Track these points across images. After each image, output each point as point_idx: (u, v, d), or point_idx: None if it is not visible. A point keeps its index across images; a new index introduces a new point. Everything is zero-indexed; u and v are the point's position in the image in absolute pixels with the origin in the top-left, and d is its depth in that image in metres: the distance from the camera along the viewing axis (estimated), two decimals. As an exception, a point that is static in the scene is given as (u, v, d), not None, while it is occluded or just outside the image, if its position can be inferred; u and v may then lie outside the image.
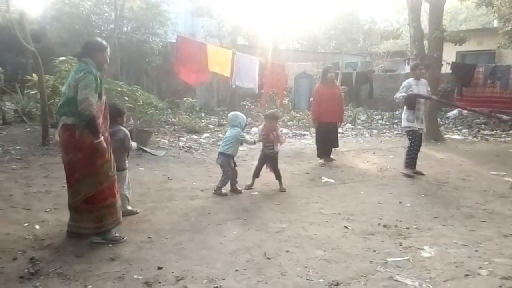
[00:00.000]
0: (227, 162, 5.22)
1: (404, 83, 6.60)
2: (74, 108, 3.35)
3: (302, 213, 4.56)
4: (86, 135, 3.39)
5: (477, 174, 6.73)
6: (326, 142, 7.41)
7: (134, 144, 4.42)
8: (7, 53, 11.68)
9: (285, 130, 10.91)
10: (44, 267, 3.07)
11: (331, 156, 7.49)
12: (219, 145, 8.78)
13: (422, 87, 6.42)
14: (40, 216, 4.11)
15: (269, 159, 5.59)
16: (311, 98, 8.12)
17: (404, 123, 6.57)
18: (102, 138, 3.46)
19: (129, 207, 4.29)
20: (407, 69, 16.16)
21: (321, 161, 7.28)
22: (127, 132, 4.31)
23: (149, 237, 3.70)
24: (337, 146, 7.77)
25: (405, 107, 6.48)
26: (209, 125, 11.49)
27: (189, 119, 10.87)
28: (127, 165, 4.35)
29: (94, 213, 3.53)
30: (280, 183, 5.52)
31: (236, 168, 5.39)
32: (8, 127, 9.11)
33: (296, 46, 25.42)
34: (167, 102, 10.57)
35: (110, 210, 3.58)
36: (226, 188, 5.27)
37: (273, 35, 19.75)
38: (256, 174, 5.61)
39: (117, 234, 3.63)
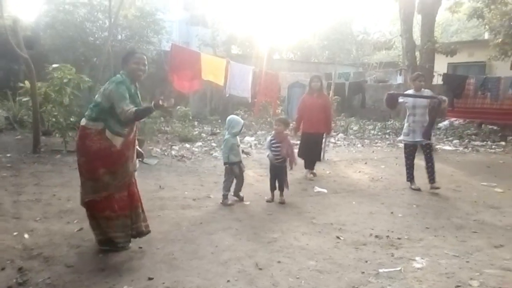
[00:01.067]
0: (230, 170, 5.28)
1: (405, 93, 6.51)
2: (96, 114, 3.45)
3: (294, 223, 4.56)
4: (95, 141, 3.42)
5: (468, 184, 6.77)
6: (308, 154, 7.09)
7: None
8: (-1, 60, 11.63)
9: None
10: (33, 277, 3.03)
11: (314, 170, 7.12)
12: (211, 154, 8.83)
13: (421, 99, 6.16)
14: (29, 225, 4.07)
15: (277, 169, 5.42)
16: None
17: (400, 136, 6.49)
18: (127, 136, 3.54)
19: None
20: (399, 79, 16.33)
21: (309, 172, 7.05)
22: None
23: (140, 247, 3.67)
24: (319, 159, 7.42)
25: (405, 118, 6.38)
26: (202, 134, 11.48)
27: (182, 127, 10.86)
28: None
29: (95, 220, 3.53)
30: (281, 194, 5.40)
31: (243, 171, 5.45)
32: (-2, 134, 9.04)
33: (290, 56, 25.58)
34: (160, 110, 10.53)
35: (108, 223, 3.49)
36: (232, 199, 5.29)
37: (267, 44, 19.87)
38: (273, 187, 5.45)
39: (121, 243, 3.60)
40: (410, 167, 6.43)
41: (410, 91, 6.33)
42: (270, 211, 4.97)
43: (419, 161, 6.49)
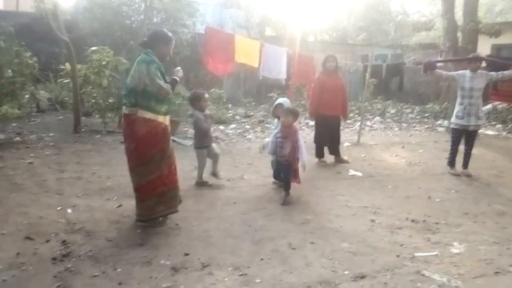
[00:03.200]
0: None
1: (460, 72, 6.06)
2: (134, 99, 3.50)
3: (327, 205, 4.54)
4: (141, 125, 3.49)
5: (511, 170, 6.51)
6: (328, 140, 6.64)
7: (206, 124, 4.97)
8: (41, 43, 11.98)
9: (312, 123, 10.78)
10: (76, 249, 3.17)
11: (343, 156, 6.74)
12: (245, 136, 8.86)
13: (478, 80, 5.87)
14: (72, 201, 4.24)
15: (282, 167, 4.68)
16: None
17: (452, 118, 6.18)
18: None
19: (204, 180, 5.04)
20: (439, 62, 15.71)
21: (321, 159, 6.63)
22: (200, 116, 4.93)
23: (177, 224, 3.77)
24: (339, 144, 6.84)
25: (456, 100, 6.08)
26: (236, 116, 11.52)
27: (216, 109, 10.93)
28: (207, 143, 5.07)
29: (145, 202, 3.64)
30: (286, 195, 4.59)
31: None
32: (41, 114, 9.41)
33: (324, 37, 25.09)
34: (195, 92, 10.62)
35: (160, 199, 3.64)
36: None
37: (301, 26, 19.54)
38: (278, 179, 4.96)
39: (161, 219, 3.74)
40: (455, 152, 6.19)
41: (467, 72, 5.95)
42: (303, 193, 4.95)
43: (462, 147, 6.26)
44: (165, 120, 3.65)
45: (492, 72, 6.03)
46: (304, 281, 2.86)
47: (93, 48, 8.23)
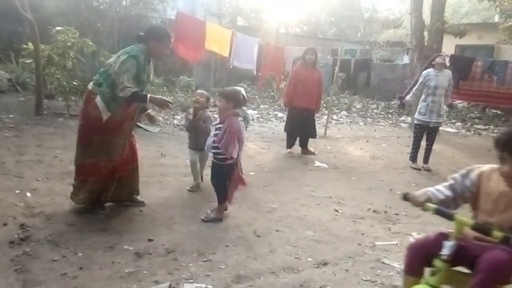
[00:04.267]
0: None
1: (424, 73, 6.29)
2: (102, 80, 3.38)
3: (293, 195, 4.60)
4: (94, 108, 3.37)
5: (468, 166, 6.77)
6: (299, 131, 6.71)
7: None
8: (3, 21, 11.43)
9: (280, 114, 10.85)
10: (35, 233, 3.08)
11: (309, 148, 6.81)
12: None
13: (442, 78, 6.09)
14: (31, 185, 4.11)
15: (215, 168, 3.72)
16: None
17: (415, 114, 6.39)
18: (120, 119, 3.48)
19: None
20: (406, 59, 16.14)
21: (289, 150, 6.66)
22: (207, 115, 4.60)
23: (141, 210, 3.72)
24: (315, 136, 6.99)
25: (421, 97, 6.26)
26: (205, 105, 11.44)
27: (185, 97, 10.80)
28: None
29: (74, 182, 3.58)
30: (218, 208, 3.70)
31: None
32: (1, 95, 8.99)
33: (296, 30, 25.20)
34: (163, 79, 10.47)
35: (85, 186, 3.51)
36: None
37: (273, 17, 19.55)
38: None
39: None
40: (417, 147, 6.42)
41: (431, 71, 6.19)
42: (270, 183, 5.00)
43: (423, 142, 6.47)
44: (123, 116, 3.49)
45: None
46: (268, 267, 2.89)
47: (58, 28, 7.91)
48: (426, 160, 6.39)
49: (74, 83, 7.98)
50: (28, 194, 3.84)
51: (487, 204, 2.07)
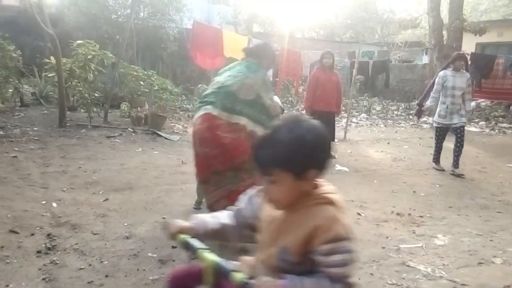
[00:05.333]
0: None
1: (440, 73, 6.10)
2: (229, 103, 3.10)
3: (315, 199, 4.56)
4: (229, 132, 3.07)
5: (493, 166, 6.63)
6: None
7: None
8: (25, 37, 11.80)
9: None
10: (61, 243, 3.14)
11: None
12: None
13: (460, 80, 5.89)
14: (57, 195, 4.19)
15: None
16: None
17: (435, 117, 6.24)
18: None
19: None
20: (425, 59, 15.93)
21: None
22: None
23: (163, 218, 3.75)
24: (333, 140, 6.93)
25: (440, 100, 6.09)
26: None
27: (204, 105, 10.90)
28: None
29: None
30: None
31: None
32: (25, 109, 9.26)
33: (312, 34, 25.19)
34: (182, 88, 10.60)
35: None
36: None
37: (289, 23, 19.60)
38: None
39: None
40: (439, 149, 6.26)
41: (448, 71, 6.02)
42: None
43: (446, 143, 6.34)
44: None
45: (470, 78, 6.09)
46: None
47: (79, 41, 8.12)
48: (456, 164, 5.99)
49: (96, 94, 8.16)
50: (54, 205, 3.92)
51: (261, 235, 1.47)
